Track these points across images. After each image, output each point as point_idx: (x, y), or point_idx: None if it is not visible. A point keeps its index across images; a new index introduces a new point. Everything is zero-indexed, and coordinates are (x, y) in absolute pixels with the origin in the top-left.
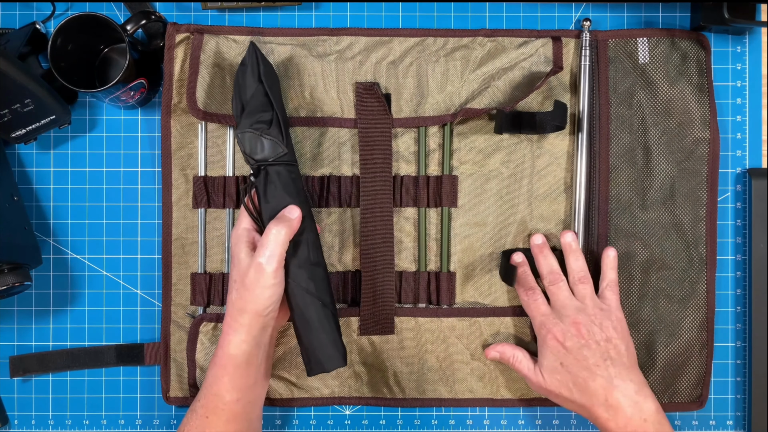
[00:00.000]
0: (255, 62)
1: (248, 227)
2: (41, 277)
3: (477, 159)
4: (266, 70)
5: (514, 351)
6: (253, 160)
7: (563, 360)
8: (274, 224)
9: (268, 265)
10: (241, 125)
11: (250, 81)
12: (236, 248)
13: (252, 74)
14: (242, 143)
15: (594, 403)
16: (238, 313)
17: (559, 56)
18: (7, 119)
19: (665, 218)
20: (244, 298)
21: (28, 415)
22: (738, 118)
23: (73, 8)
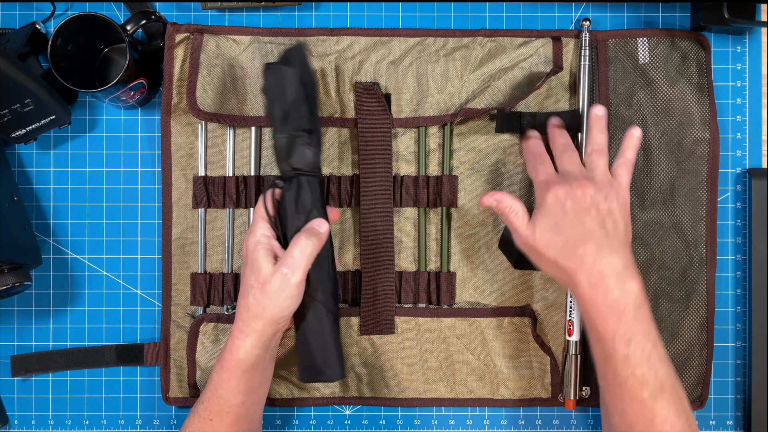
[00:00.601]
0: (302, 65)
1: (267, 234)
2: (41, 277)
3: (477, 159)
4: (309, 75)
5: (513, 202)
6: (290, 168)
7: (559, 220)
8: (304, 237)
9: (293, 276)
10: (282, 128)
11: (294, 83)
12: (255, 254)
13: (296, 77)
14: (281, 147)
15: (578, 268)
16: (253, 319)
17: (559, 56)
18: (7, 119)
19: (665, 218)
20: (262, 305)
21: (28, 415)
22: (738, 118)
23: (73, 8)
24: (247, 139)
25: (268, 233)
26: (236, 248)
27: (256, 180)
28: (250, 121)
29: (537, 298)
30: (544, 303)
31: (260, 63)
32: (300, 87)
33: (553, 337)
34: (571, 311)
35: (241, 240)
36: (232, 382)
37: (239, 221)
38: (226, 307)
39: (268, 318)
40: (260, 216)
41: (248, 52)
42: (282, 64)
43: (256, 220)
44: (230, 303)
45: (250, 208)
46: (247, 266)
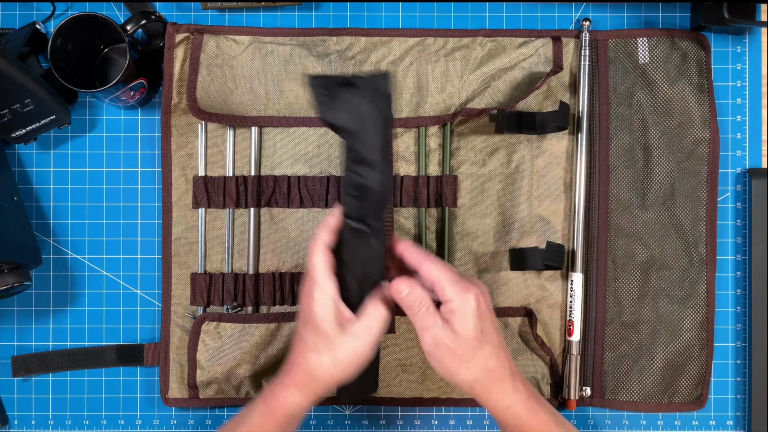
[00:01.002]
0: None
1: (334, 297)
2: (41, 277)
3: (477, 159)
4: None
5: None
6: (356, 218)
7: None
8: (378, 306)
9: (370, 350)
10: (380, 179)
11: (387, 129)
12: (323, 321)
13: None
14: (375, 195)
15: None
16: (315, 382)
17: (559, 56)
18: (7, 119)
19: (665, 218)
20: (329, 372)
21: (28, 415)
22: (738, 118)
23: (73, 8)
24: (247, 139)
25: (334, 296)
26: (236, 248)
27: (256, 180)
28: (250, 121)
29: (537, 298)
30: (544, 303)
31: (299, 70)
32: (385, 131)
33: (553, 337)
34: (571, 311)
35: (241, 240)
36: (275, 429)
37: (239, 221)
38: (226, 307)
39: (332, 384)
40: (327, 267)
41: (248, 52)
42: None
43: (322, 272)
44: (230, 303)
45: (251, 208)
46: (308, 326)
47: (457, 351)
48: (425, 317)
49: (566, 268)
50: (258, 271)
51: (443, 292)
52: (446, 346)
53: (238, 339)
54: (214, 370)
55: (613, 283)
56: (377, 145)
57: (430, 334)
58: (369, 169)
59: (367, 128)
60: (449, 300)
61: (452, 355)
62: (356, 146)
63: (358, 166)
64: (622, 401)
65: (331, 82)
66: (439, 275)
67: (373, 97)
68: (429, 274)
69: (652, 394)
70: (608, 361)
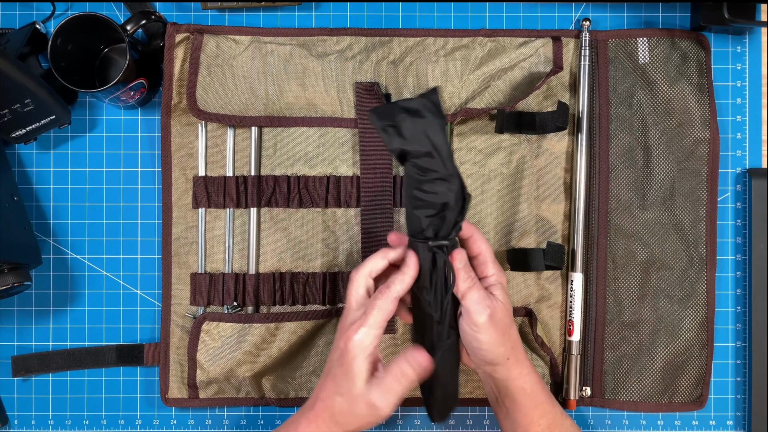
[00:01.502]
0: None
1: (374, 341)
2: (41, 277)
3: (477, 159)
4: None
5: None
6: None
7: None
8: (406, 366)
9: (383, 410)
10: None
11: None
12: (355, 362)
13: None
14: (450, 223)
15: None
16: (337, 425)
17: (559, 56)
18: (7, 119)
19: (665, 218)
20: (347, 420)
21: (28, 415)
22: (738, 118)
23: (73, 8)
24: (247, 139)
25: (375, 340)
26: (236, 248)
27: (256, 180)
28: (250, 121)
29: (537, 298)
30: (544, 303)
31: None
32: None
33: (553, 337)
34: (571, 311)
35: (241, 240)
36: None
37: (239, 221)
38: (226, 307)
39: (348, 429)
40: (380, 309)
41: (248, 52)
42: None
43: (372, 311)
44: (230, 303)
45: (251, 208)
46: (342, 365)
47: (504, 322)
48: (478, 290)
49: (566, 268)
50: (258, 271)
51: (486, 266)
52: (498, 318)
53: (238, 339)
54: (214, 370)
55: (613, 283)
56: (451, 159)
57: (483, 307)
58: (448, 183)
59: (438, 146)
60: (491, 274)
61: (501, 328)
62: (431, 166)
63: (435, 184)
64: (622, 401)
65: (390, 111)
66: (487, 250)
67: (432, 115)
68: (480, 245)
69: (652, 394)
70: (608, 361)
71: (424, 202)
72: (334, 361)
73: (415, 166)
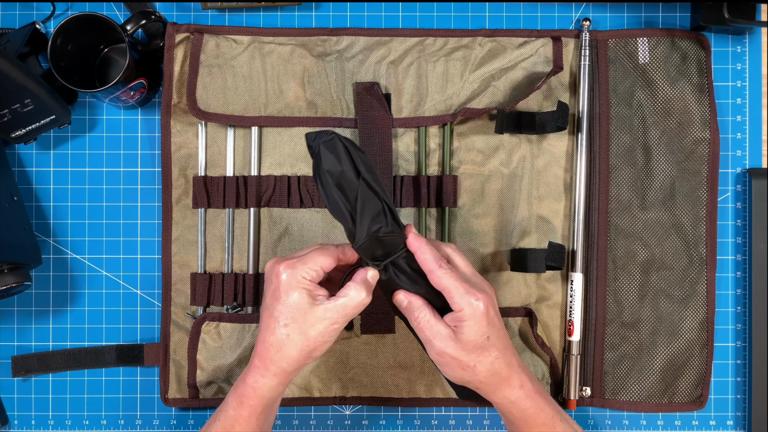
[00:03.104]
0: (349, 161)
1: (309, 277)
2: (41, 277)
3: (477, 159)
4: (360, 159)
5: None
6: (376, 261)
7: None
8: (360, 292)
9: (340, 329)
10: (360, 235)
11: (351, 182)
12: (295, 294)
13: (350, 174)
14: (364, 252)
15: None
16: (284, 359)
17: (559, 56)
18: (7, 119)
19: (665, 218)
20: (298, 347)
21: (28, 415)
22: (738, 118)
23: (73, 8)
24: (247, 139)
25: (310, 277)
26: (236, 248)
27: (256, 180)
28: (250, 121)
29: (537, 298)
30: (544, 303)
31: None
32: (358, 182)
33: (553, 337)
34: (571, 311)
35: (241, 240)
36: (252, 419)
37: (239, 221)
38: (226, 307)
39: (301, 360)
40: (320, 264)
41: (248, 52)
42: (328, 172)
43: (311, 260)
44: (230, 303)
45: (251, 208)
46: (278, 299)
47: (462, 360)
48: (426, 329)
49: (566, 268)
50: (258, 271)
51: (453, 302)
52: (450, 356)
53: (238, 339)
54: (214, 370)
55: (613, 283)
56: (364, 187)
57: (433, 345)
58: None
59: (347, 185)
60: (459, 310)
61: (457, 364)
62: (374, 189)
63: (364, 221)
64: (622, 401)
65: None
66: (449, 284)
67: (343, 165)
68: (440, 282)
69: (652, 394)
70: (608, 361)
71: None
72: (270, 301)
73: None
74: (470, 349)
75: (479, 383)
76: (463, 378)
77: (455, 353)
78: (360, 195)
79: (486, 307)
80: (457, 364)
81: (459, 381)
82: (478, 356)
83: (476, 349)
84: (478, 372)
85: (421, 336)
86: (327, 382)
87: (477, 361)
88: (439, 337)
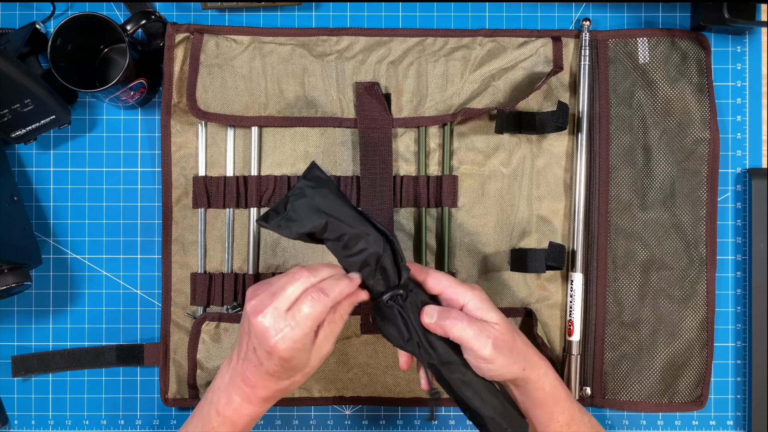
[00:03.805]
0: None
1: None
2: (41, 277)
3: (477, 159)
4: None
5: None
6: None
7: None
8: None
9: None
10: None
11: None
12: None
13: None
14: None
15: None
16: (273, 392)
17: (559, 56)
18: (7, 119)
19: (665, 218)
20: (291, 377)
21: (28, 415)
22: (738, 118)
23: (73, 8)
24: (247, 139)
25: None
26: (236, 248)
27: (256, 180)
28: (250, 121)
29: (537, 298)
30: (544, 303)
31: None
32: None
33: (553, 337)
34: (571, 311)
35: (241, 240)
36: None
37: (239, 221)
38: (226, 307)
39: (291, 390)
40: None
41: (248, 52)
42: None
43: (298, 313)
44: (230, 303)
45: (251, 208)
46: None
47: (507, 340)
48: (472, 326)
49: (566, 268)
50: (258, 271)
51: (457, 297)
52: (501, 341)
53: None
54: (214, 370)
55: (613, 283)
56: (355, 217)
57: (484, 339)
58: (364, 239)
59: (331, 212)
60: (466, 302)
61: (507, 346)
62: (339, 232)
63: (355, 245)
64: (622, 401)
65: (277, 208)
66: (449, 282)
67: (313, 189)
68: (438, 283)
69: (652, 394)
70: (608, 361)
71: (358, 264)
72: (251, 351)
73: (328, 240)
74: (505, 326)
75: (523, 360)
76: (515, 361)
77: (502, 336)
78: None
79: (481, 290)
80: (506, 346)
81: (510, 370)
82: (511, 331)
83: (505, 323)
84: (519, 346)
85: (463, 338)
86: (327, 382)
87: (512, 336)
88: (486, 327)
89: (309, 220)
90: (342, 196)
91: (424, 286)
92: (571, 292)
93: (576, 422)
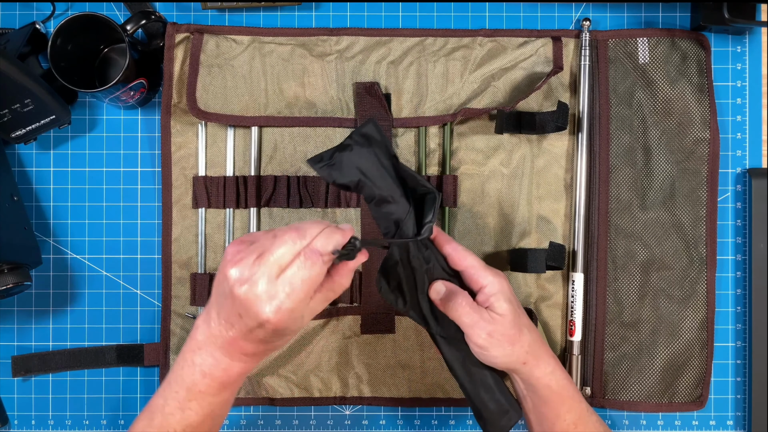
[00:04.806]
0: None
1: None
2: (41, 277)
3: (477, 159)
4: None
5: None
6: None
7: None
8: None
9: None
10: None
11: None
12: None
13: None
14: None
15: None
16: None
17: (559, 56)
18: (7, 119)
19: (665, 218)
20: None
21: (28, 415)
22: (738, 118)
23: (73, 8)
24: (247, 139)
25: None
26: None
27: (256, 180)
28: (250, 121)
29: (537, 298)
30: (545, 303)
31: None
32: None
33: (553, 337)
34: (572, 311)
35: None
36: (225, 395)
37: (239, 221)
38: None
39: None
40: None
41: (248, 52)
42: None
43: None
44: None
45: (251, 208)
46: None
47: (509, 332)
48: (471, 314)
49: (567, 268)
50: None
51: (478, 278)
52: (500, 333)
53: None
54: None
55: (614, 283)
56: (387, 178)
57: (481, 327)
58: (391, 204)
59: (367, 172)
60: (485, 285)
61: (507, 340)
62: (370, 192)
63: (381, 207)
64: (623, 401)
65: (326, 153)
66: (473, 261)
67: (359, 146)
68: (462, 260)
69: (652, 394)
70: (608, 361)
71: (384, 225)
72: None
73: (364, 192)
74: (510, 320)
75: (526, 355)
76: (513, 354)
77: (503, 328)
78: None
79: (504, 278)
80: (506, 339)
81: (507, 361)
82: (519, 325)
83: (515, 317)
84: (524, 341)
85: (462, 322)
86: (327, 382)
87: (519, 330)
88: (486, 317)
89: (347, 175)
90: (387, 156)
91: (449, 259)
92: (572, 292)
93: (583, 422)
